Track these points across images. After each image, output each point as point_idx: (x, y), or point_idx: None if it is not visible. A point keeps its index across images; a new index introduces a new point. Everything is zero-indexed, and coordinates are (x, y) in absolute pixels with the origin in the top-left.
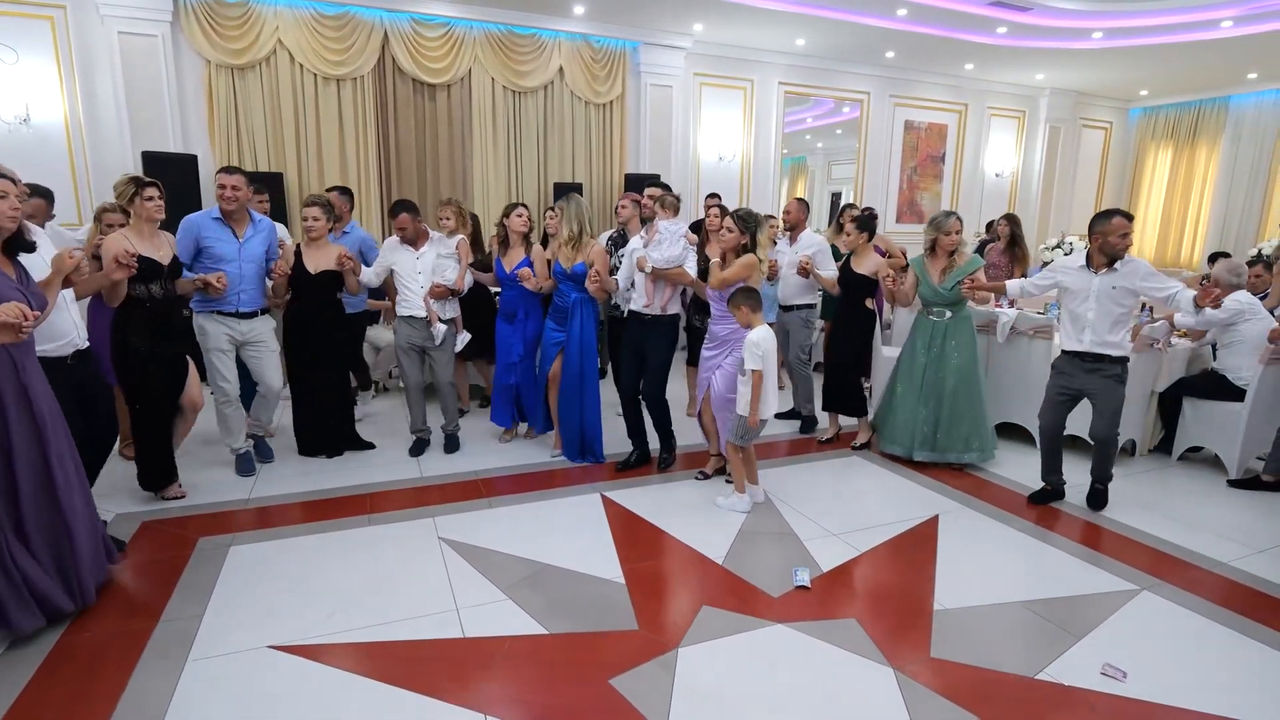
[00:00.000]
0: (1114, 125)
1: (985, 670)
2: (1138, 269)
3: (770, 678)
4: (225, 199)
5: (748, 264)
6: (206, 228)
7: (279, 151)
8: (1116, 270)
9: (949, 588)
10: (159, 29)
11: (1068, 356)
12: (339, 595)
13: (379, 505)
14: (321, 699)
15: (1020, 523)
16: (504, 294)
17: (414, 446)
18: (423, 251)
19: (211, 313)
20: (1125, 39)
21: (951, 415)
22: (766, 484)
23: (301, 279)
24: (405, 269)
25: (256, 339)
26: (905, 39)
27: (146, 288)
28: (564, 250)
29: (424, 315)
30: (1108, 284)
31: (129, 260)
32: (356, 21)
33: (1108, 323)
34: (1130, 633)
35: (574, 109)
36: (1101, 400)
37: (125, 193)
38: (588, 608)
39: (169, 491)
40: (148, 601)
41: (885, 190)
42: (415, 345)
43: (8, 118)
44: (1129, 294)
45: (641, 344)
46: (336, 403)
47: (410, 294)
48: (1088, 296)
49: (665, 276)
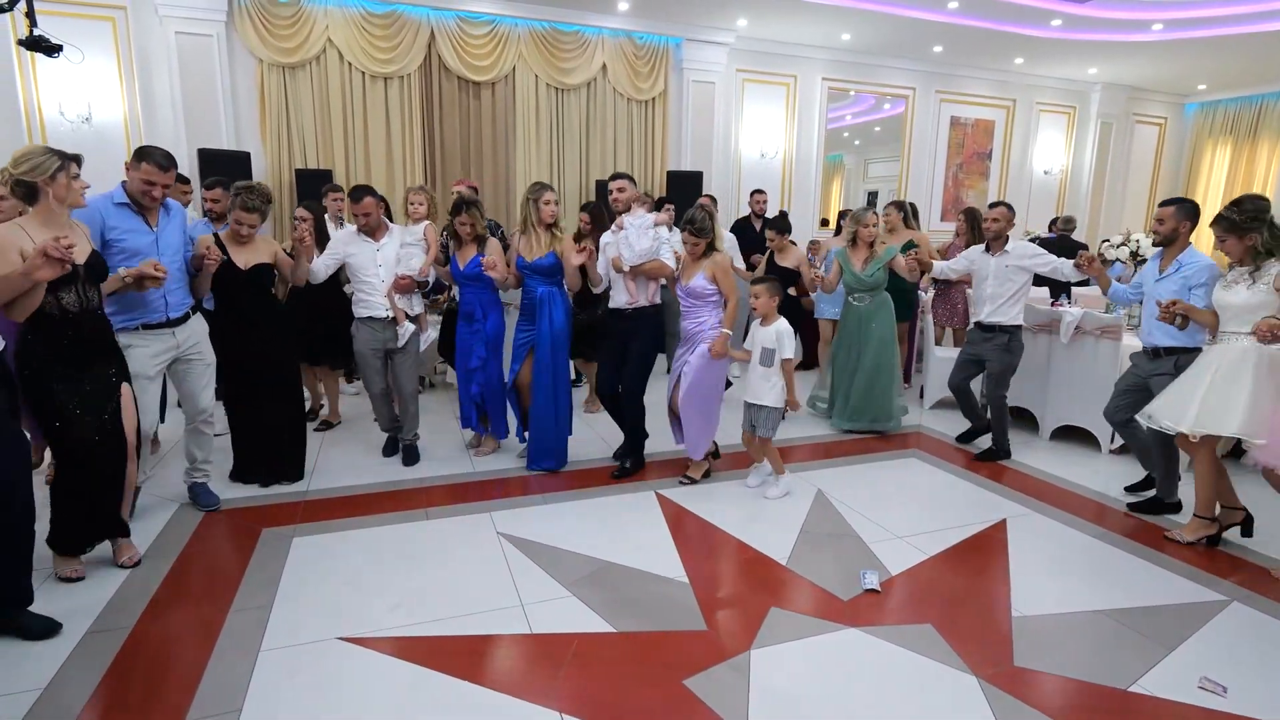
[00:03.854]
0: (1169, 121)
1: (1075, 681)
2: (1025, 251)
3: (848, 682)
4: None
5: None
6: (111, 215)
7: (327, 148)
8: (1008, 252)
9: (1026, 594)
10: (214, 29)
11: (975, 328)
12: (403, 588)
13: (435, 500)
14: (395, 693)
15: (1091, 528)
16: (461, 293)
17: (388, 446)
18: (382, 243)
19: (137, 328)
20: (1186, 30)
21: (868, 388)
22: (821, 484)
23: (230, 278)
24: (363, 263)
25: (194, 347)
26: (954, 32)
27: (56, 298)
28: (530, 241)
29: (385, 315)
30: (1001, 264)
31: (63, 253)
32: (404, 20)
33: (1004, 297)
34: (1224, 646)
35: (616, 106)
36: (993, 364)
37: (44, 168)
38: (653, 607)
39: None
40: (217, 591)
41: (930, 188)
42: (378, 349)
43: (71, 116)
44: (1020, 271)
45: (624, 340)
46: (285, 421)
47: (370, 292)
48: (987, 276)
49: (643, 272)
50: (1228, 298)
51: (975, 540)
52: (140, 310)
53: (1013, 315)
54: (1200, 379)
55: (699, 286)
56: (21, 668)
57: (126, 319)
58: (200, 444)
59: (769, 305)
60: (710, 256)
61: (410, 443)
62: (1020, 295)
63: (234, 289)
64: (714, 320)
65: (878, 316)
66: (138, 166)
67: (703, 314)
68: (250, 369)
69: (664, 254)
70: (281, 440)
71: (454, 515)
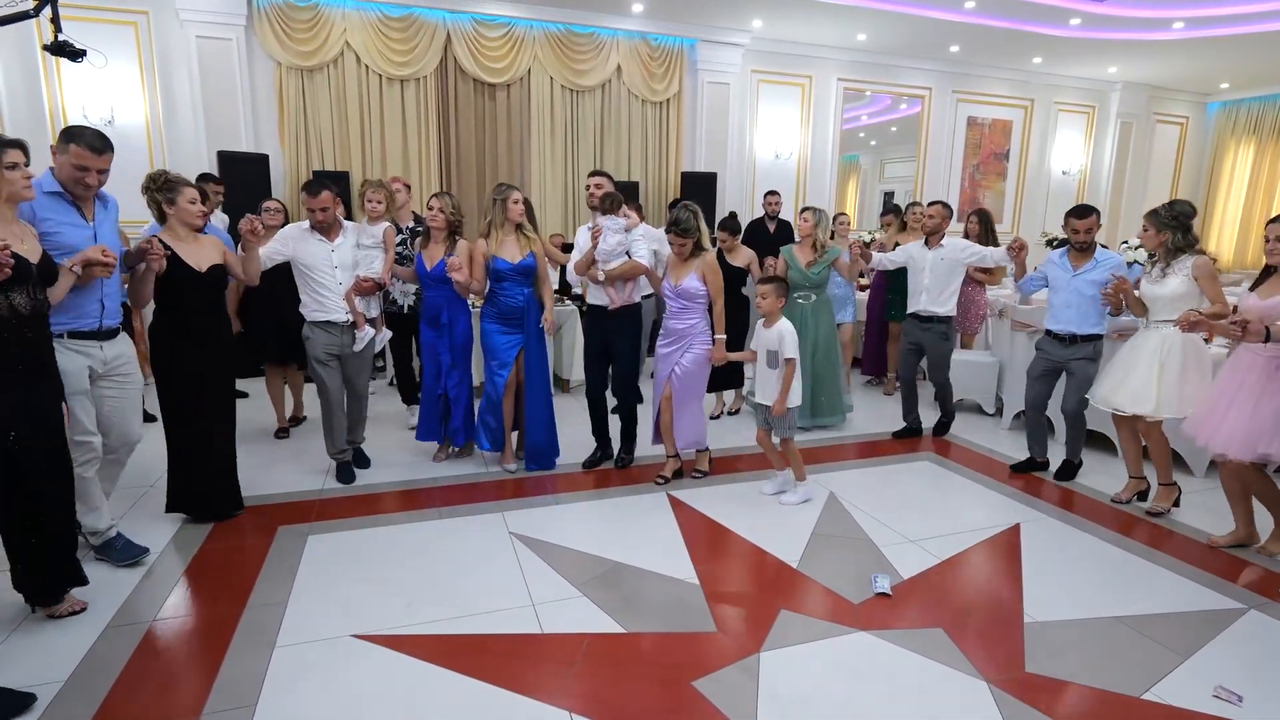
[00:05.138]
0: (1190, 120)
1: (1087, 688)
2: (957, 245)
3: (859, 686)
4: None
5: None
6: (41, 206)
7: (345, 150)
8: (943, 246)
9: (1038, 599)
10: (234, 33)
11: (911, 318)
12: (416, 587)
13: (448, 499)
14: (407, 690)
15: (1107, 534)
16: (426, 295)
17: (341, 472)
18: (338, 243)
19: (61, 335)
20: (1209, 29)
21: (815, 385)
22: (834, 486)
23: (183, 281)
24: (316, 263)
25: (121, 368)
26: (971, 32)
27: (6, 297)
28: (508, 243)
29: (344, 319)
30: (938, 257)
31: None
32: (420, 23)
33: (938, 289)
34: (1241, 654)
35: (631, 107)
36: (931, 352)
37: None
38: (664, 608)
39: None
40: (234, 587)
41: (946, 188)
42: (334, 354)
43: (94, 119)
44: (954, 264)
45: (605, 339)
46: (229, 444)
47: (326, 295)
48: (924, 269)
49: (619, 275)
50: (1157, 290)
51: (988, 544)
52: (70, 314)
53: (948, 306)
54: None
55: (691, 287)
56: (45, 660)
57: (55, 323)
58: (110, 476)
59: (774, 305)
60: (700, 256)
61: (358, 445)
62: (954, 287)
63: (189, 294)
64: (704, 322)
65: (819, 314)
66: (65, 149)
67: (693, 314)
68: (199, 386)
69: (639, 252)
70: (230, 466)
71: (467, 515)
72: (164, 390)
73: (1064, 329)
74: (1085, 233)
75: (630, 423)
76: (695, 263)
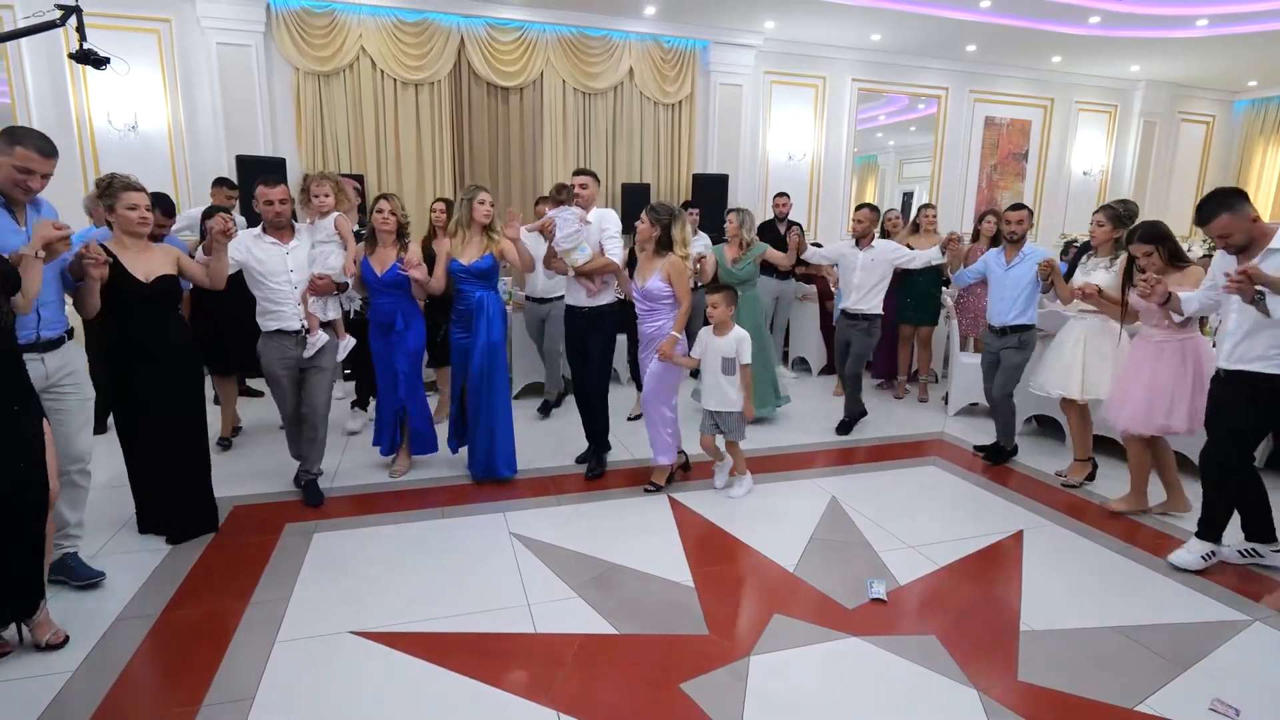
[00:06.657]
0: (1216, 119)
1: (1077, 698)
2: (887, 247)
3: (846, 691)
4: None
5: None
6: None
7: (360, 154)
8: (874, 247)
9: (1037, 608)
10: (253, 39)
11: (843, 315)
12: (417, 585)
13: (451, 499)
14: (402, 687)
15: (1113, 542)
16: (375, 302)
17: (309, 493)
18: (292, 246)
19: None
20: (1234, 25)
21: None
22: (836, 491)
23: (127, 293)
24: (272, 269)
25: (67, 378)
26: (988, 31)
27: None
28: (472, 244)
29: (299, 327)
30: (869, 257)
31: None
32: (434, 28)
33: (868, 287)
34: (1243, 667)
35: (643, 109)
36: (856, 345)
37: None
38: (658, 610)
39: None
40: (238, 583)
41: (963, 189)
42: (290, 366)
43: (118, 125)
44: (884, 264)
45: (582, 339)
46: (197, 459)
47: (281, 302)
48: (855, 267)
49: (590, 271)
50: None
51: (990, 551)
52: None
53: (875, 304)
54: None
55: (655, 288)
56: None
57: None
58: (75, 501)
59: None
60: (665, 257)
61: (313, 478)
62: (881, 287)
63: (131, 305)
64: (671, 324)
65: (745, 310)
66: (9, 151)
67: (660, 317)
68: (149, 401)
69: (611, 250)
70: (201, 482)
71: (469, 515)
72: (114, 406)
73: (998, 320)
74: (1017, 224)
75: (600, 427)
76: (661, 263)
